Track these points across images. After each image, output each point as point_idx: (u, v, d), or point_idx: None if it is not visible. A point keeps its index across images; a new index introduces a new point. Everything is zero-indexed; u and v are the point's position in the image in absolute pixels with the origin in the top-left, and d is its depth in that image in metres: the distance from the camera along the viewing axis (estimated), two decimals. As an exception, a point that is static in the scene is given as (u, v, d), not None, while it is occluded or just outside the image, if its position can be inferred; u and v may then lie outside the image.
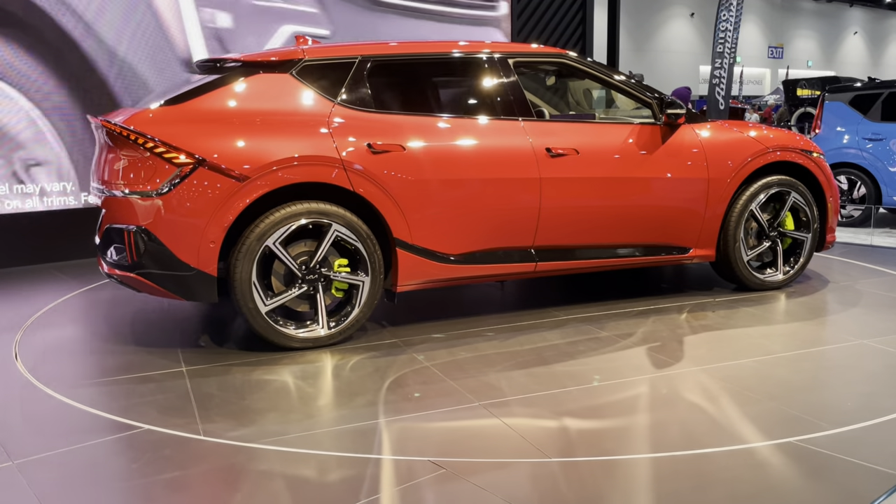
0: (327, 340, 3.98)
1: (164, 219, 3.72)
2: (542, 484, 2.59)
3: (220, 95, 3.94)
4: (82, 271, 6.03)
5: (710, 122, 4.91)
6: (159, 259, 3.75)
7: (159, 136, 3.72)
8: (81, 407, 3.30)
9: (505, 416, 3.14)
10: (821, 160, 5.10)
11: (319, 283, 3.95)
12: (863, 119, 8.12)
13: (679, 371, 3.64)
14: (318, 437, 2.98)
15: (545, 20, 9.85)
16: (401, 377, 3.62)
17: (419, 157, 4.09)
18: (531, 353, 3.91)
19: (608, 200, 4.52)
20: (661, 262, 4.85)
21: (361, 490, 2.54)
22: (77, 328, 4.57)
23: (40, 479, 2.65)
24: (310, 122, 3.96)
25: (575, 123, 4.82)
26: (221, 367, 3.76)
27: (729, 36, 16.40)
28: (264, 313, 3.84)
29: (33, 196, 6.38)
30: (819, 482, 2.58)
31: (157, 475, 2.70)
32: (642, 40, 31.12)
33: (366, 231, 3.98)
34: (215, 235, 3.73)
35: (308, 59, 4.10)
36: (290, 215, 3.83)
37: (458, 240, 4.22)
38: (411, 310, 4.72)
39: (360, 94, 4.12)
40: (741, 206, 4.80)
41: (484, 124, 4.34)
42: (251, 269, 3.78)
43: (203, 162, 3.71)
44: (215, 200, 3.71)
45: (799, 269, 5.09)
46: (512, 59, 4.51)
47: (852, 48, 39.87)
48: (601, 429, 3.07)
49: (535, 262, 4.40)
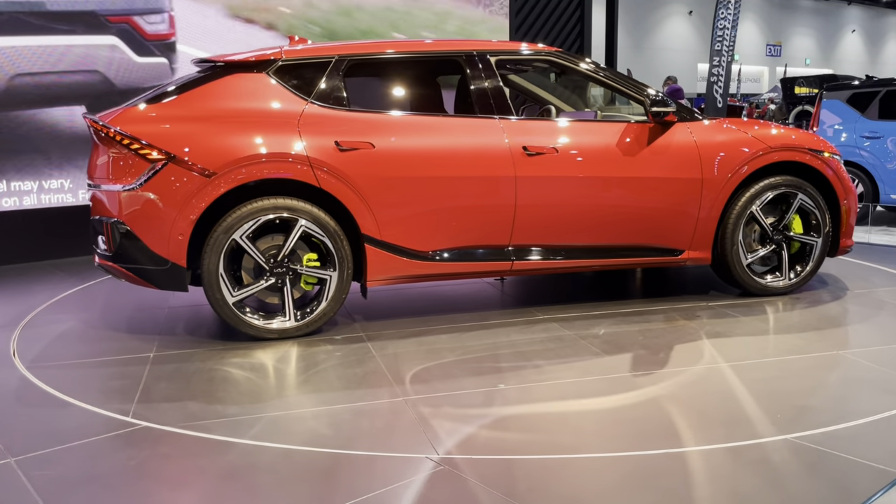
0: (295, 332, 4.10)
1: (138, 211, 3.93)
2: (433, 479, 2.58)
3: (197, 95, 4.11)
4: (80, 268, 6.03)
5: (709, 121, 4.73)
6: (134, 249, 3.96)
7: (136, 134, 3.91)
8: (79, 403, 3.30)
9: (422, 408, 3.18)
10: (833, 160, 4.82)
11: (287, 277, 4.06)
12: (860, 117, 8.13)
13: (622, 375, 3.59)
14: (230, 425, 3.04)
15: (543, 18, 9.85)
16: (345, 370, 3.70)
17: (389, 155, 4.14)
18: (485, 351, 3.92)
19: (589, 200, 4.42)
20: (650, 263, 4.71)
21: (239, 476, 2.55)
22: (75, 325, 4.57)
23: (39, 476, 2.65)
24: (280, 121, 4.07)
25: (558, 122, 4.68)
26: (185, 354, 3.85)
27: (727, 34, 16.39)
28: (231, 304, 3.99)
29: (31, 193, 6.38)
30: (815, 479, 2.59)
31: (154, 473, 2.70)
32: (640, 38, 31.13)
33: (333, 227, 4.07)
34: (183, 228, 3.90)
35: (284, 60, 4.21)
36: (257, 210, 3.96)
37: (429, 237, 4.24)
38: (390, 306, 4.80)
39: (335, 92, 4.20)
40: (740, 207, 4.62)
41: (459, 122, 4.36)
42: (218, 261, 3.94)
43: (173, 158, 3.88)
44: (183, 194, 3.88)
45: (807, 275, 4.85)
46: (494, 58, 4.50)
47: (850, 46, 39.91)
48: (521, 428, 3.06)
49: (511, 261, 4.38)
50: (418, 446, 2.86)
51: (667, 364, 3.71)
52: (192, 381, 3.56)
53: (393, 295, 5.06)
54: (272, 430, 3.00)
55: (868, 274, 5.52)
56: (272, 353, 3.94)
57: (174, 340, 4.18)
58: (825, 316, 4.50)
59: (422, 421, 3.08)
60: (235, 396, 3.40)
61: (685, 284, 5.28)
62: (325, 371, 3.71)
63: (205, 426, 3.04)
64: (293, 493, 2.53)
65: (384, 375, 3.60)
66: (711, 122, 4.75)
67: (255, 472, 2.65)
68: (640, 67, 26.56)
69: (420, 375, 3.61)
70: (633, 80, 4.80)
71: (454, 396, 3.35)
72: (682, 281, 5.38)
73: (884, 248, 6.62)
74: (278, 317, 4.10)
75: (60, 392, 3.44)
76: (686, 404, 3.24)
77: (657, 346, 3.95)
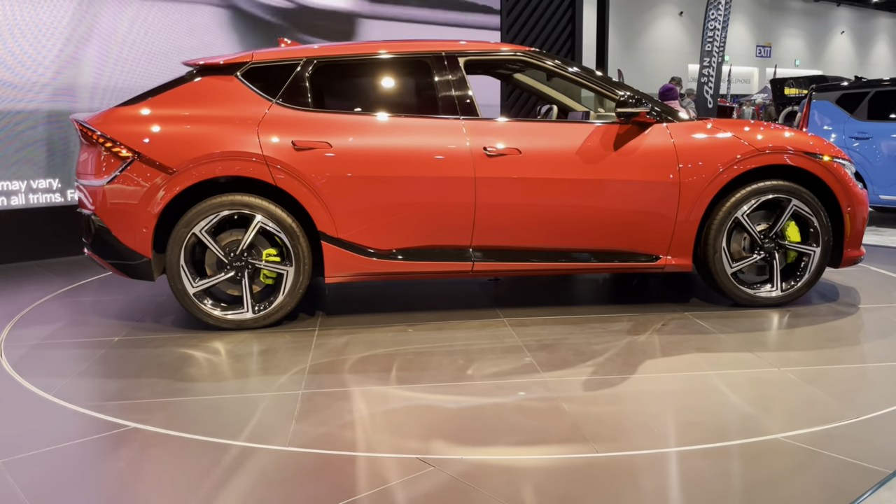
0: (252, 324, 4.29)
1: (109, 205, 4.20)
2: (283, 463, 2.69)
3: (171, 97, 4.33)
4: (68, 269, 6.00)
5: (691, 122, 4.55)
6: (106, 240, 4.25)
7: (109, 133, 4.18)
8: (67, 405, 3.28)
9: (335, 400, 3.22)
10: (834, 164, 4.49)
11: (245, 271, 4.24)
12: (849, 118, 8.17)
13: (560, 378, 3.56)
14: (130, 407, 3.15)
15: (534, 19, 9.87)
16: (275, 362, 3.80)
17: (346, 155, 4.22)
18: (418, 350, 3.93)
19: (553, 202, 4.34)
20: (622, 269, 4.54)
21: (137, 461, 2.54)
22: (62, 326, 4.54)
23: (27, 478, 2.63)
24: (243, 121, 4.22)
25: (525, 123, 4.61)
26: (179, 355, 3.82)
27: (717, 35, 16.46)
28: (191, 294, 4.22)
29: (19, 193, 6.34)
30: (804, 478, 2.59)
31: (143, 475, 2.69)
32: (631, 39, 31.22)
33: (289, 224, 4.21)
34: (147, 221, 4.15)
35: (254, 62, 4.38)
36: (215, 206, 4.17)
37: (387, 236, 4.29)
38: (361, 301, 4.94)
39: (299, 94, 4.33)
40: (723, 213, 4.41)
41: (420, 123, 4.37)
42: (180, 253, 4.18)
43: (140, 156, 4.14)
44: (147, 190, 4.13)
45: (802, 287, 4.57)
46: (463, 58, 4.50)
47: (839, 47, 40.12)
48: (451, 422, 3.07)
49: (472, 262, 4.38)
50: (237, 435, 2.94)
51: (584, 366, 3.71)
52: (186, 383, 3.54)
53: (379, 292, 5.06)
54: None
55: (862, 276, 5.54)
56: (225, 341, 4.07)
57: (167, 341, 4.17)
58: (823, 331, 4.28)
59: (266, 411, 3.17)
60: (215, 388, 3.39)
61: (678, 293, 5.28)
62: (251, 364, 3.82)
63: (196, 427, 3.03)
64: (291, 494, 2.52)
65: (302, 370, 3.68)
66: (695, 123, 4.58)
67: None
68: (631, 68, 26.64)
69: (321, 367, 3.69)
70: (610, 81, 4.66)
71: (335, 393, 3.39)
72: (677, 288, 5.39)
73: (872, 248, 6.64)
74: (237, 308, 4.27)
75: (48, 393, 3.42)
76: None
77: (595, 352, 3.89)
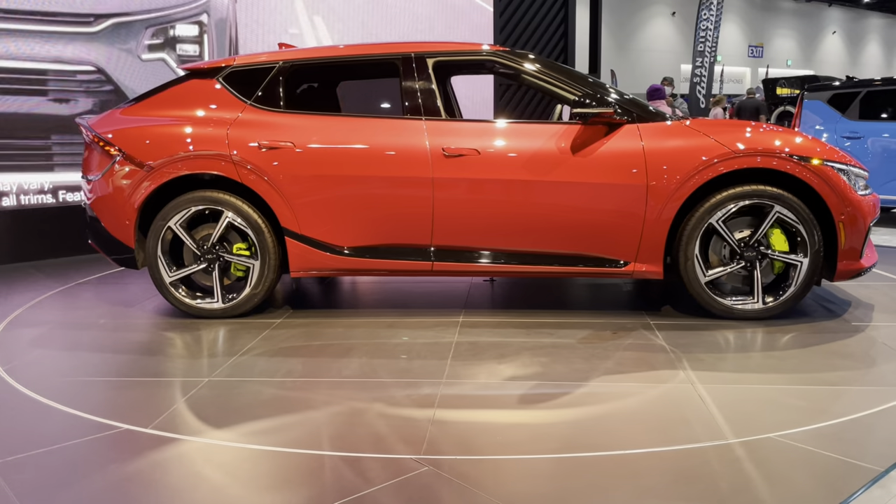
0: (221, 313, 4.56)
1: (100, 198, 4.59)
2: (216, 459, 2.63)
3: (160, 99, 4.64)
4: (60, 270, 5.99)
5: (666, 123, 4.33)
6: (97, 230, 4.64)
7: (103, 133, 4.55)
8: (59, 407, 3.27)
9: (278, 391, 3.22)
10: (824, 168, 4.12)
11: (216, 263, 4.52)
12: (841, 118, 8.20)
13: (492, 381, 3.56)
14: (122, 409, 3.08)
15: (527, 20, 9.88)
16: (222, 353, 3.94)
17: (308, 155, 4.39)
18: (369, 347, 3.97)
19: (513, 204, 4.29)
20: (586, 274, 4.40)
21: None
22: (55, 327, 4.53)
23: (19, 480, 2.62)
24: (217, 123, 4.48)
25: (489, 124, 4.54)
26: (173, 354, 3.81)
27: (709, 35, 16.51)
28: (167, 283, 4.54)
29: (10, 194, 6.32)
30: (797, 477, 2.60)
31: (136, 477, 2.68)
32: (624, 39, 31.28)
33: (255, 220, 4.43)
34: (129, 215, 4.50)
35: (234, 66, 4.64)
36: (187, 201, 4.47)
37: (349, 233, 4.43)
38: (340, 297, 5.06)
39: (272, 96, 4.56)
40: (696, 219, 4.20)
41: (383, 123, 4.47)
42: (157, 244, 4.49)
43: (125, 154, 4.47)
44: (129, 185, 4.48)
45: (787, 300, 4.26)
46: (431, 59, 4.53)
47: (831, 47, 40.29)
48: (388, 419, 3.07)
49: (431, 262, 4.42)
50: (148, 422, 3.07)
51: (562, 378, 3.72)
52: (177, 384, 3.54)
53: (373, 288, 5.05)
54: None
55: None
56: (187, 330, 4.12)
57: (160, 340, 4.16)
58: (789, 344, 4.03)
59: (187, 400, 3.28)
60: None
61: (661, 299, 5.28)
62: (198, 354, 3.94)
63: (187, 429, 3.02)
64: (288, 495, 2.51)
65: (256, 361, 3.79)
66: (671, 125, 4.34)
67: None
68: (624, 68, 26.72)
69: (287, 365, 3.74)
70: (585, 82, 4.50)
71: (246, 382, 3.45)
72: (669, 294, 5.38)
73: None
74: (208, 298, 4.55)
75: (40, 395, 3.40)
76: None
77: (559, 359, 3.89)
